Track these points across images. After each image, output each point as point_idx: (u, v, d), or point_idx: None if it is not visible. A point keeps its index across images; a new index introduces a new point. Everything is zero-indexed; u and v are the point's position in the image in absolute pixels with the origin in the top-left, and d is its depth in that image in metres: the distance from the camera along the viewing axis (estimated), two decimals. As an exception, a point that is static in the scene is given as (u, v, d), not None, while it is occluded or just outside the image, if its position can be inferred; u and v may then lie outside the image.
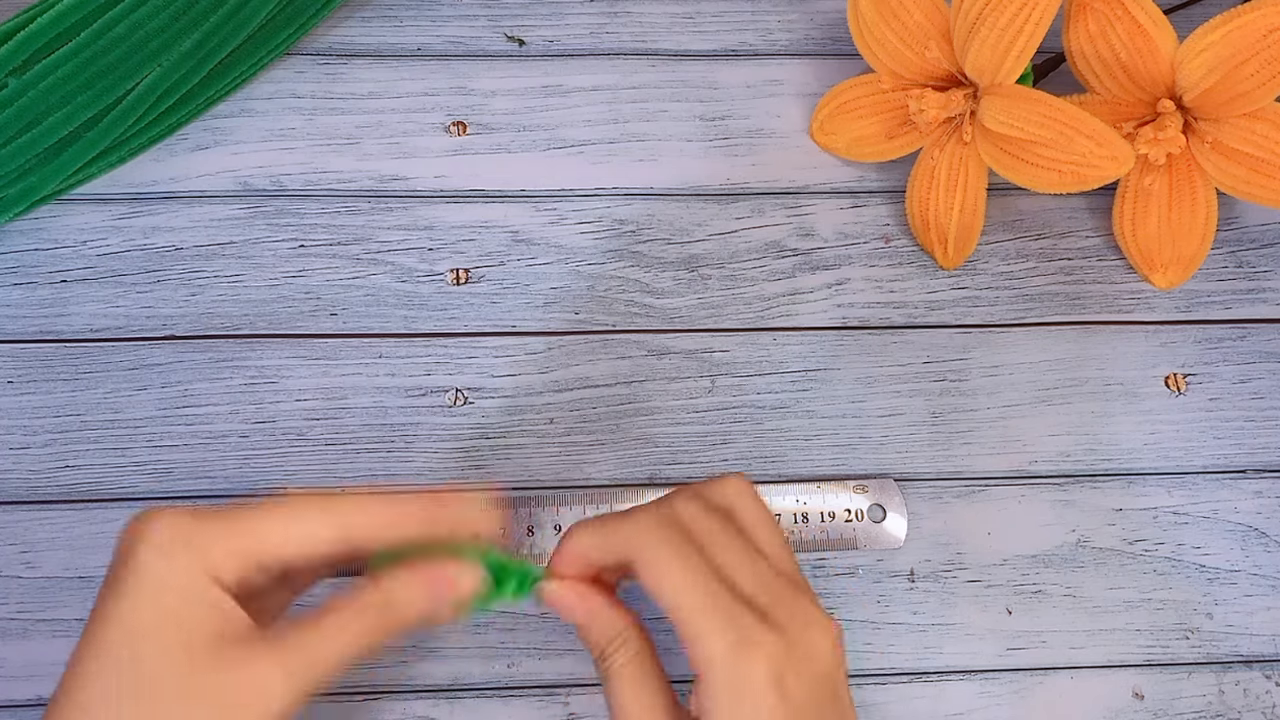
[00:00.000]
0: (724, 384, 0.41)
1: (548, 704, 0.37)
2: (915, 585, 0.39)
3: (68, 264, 0.42)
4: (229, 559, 0.26)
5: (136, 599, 0.26)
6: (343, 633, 0.27)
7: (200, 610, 0.26)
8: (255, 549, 0.26)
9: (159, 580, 0.26)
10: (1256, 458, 0.41)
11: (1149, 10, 0.38)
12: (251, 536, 0.27)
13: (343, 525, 0.27)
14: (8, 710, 0.36)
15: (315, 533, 0.27)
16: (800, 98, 0.46)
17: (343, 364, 0.41)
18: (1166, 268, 0.43)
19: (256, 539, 0.27)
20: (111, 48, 0.41)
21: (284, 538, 0.27)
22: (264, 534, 0.27)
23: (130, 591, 0.26)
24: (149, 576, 0.26)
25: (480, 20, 0.47)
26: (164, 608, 0.26)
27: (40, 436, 0.39)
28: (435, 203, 0.44)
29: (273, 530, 0.27)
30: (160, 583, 0.26)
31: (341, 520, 0.27)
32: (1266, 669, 0.38)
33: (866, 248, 0.44)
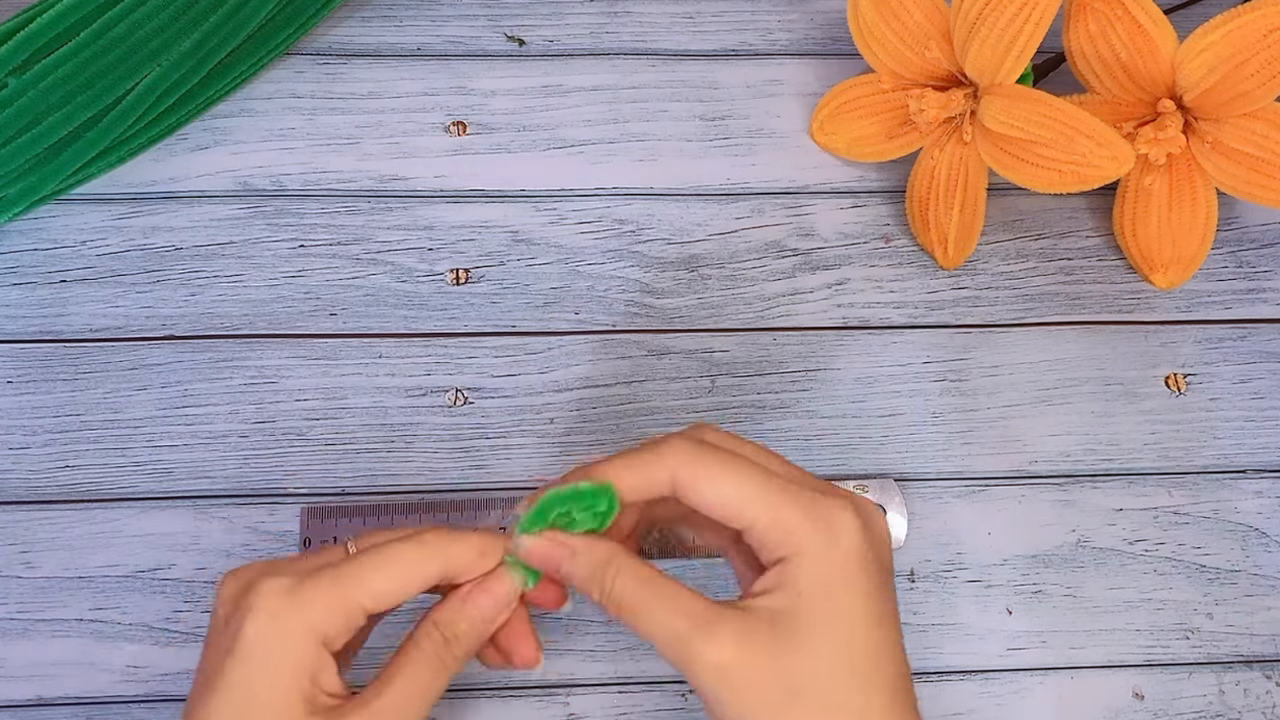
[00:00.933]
0: (724, 384, 0.41)
1: (548, 704, 0.37)
2: (915, 585, 0.39)
3: (67, 264, 0.42)
4: (334, 616, 0.27)
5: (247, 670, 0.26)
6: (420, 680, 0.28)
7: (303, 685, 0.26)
8: (360, 600, 0.27)
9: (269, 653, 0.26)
10: (1256, 458, 0.41)
11: (1149, 10, 0.38)
12: (356, 588, 0.27)
13: (442, 562, 0.28)
14: (8, 710, 0.36)
15: (416, 574, 0.28)
16: (800, 98, 0.46)
17: (343, 364, 0.41)
18: (1166, 268, 0.43)
19: (361, 590, 0.27)
20: (111, 48, 0.41)
21: (387, 583, 0.27)
22: (367, 583, 0.27)
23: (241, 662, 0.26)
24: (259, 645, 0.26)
25: (480, 20, 0.47)
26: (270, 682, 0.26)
27: (40, 436, 0.39)
28: (435, 203, 0.44)
29: (374, 577, 0.27)
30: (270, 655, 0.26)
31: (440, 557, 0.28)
32: (1267, 669, 0.38)
33: (866, 248, 0.44)
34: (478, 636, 0.29)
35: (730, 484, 0.28)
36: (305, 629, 0.26)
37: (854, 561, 0.27)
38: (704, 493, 0.28)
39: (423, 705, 0.28)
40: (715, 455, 0.28)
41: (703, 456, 0.28)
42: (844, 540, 0.27)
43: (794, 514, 0.27)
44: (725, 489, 0.28)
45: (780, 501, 0.27)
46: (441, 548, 0.28)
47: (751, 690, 0.26)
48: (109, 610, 0.37)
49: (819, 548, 0.27)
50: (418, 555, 0.28)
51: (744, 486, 0.28)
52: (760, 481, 0.28)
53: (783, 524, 0.27)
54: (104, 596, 0.37)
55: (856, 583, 0.27)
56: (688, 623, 0.27)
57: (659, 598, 0.27)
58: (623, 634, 0.38)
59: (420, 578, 0.28)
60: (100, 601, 0.37)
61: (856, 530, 0.28)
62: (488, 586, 0.29)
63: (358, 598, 0.27)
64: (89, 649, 0.37)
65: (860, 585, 0.27)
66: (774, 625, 0.27)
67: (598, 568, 0.28)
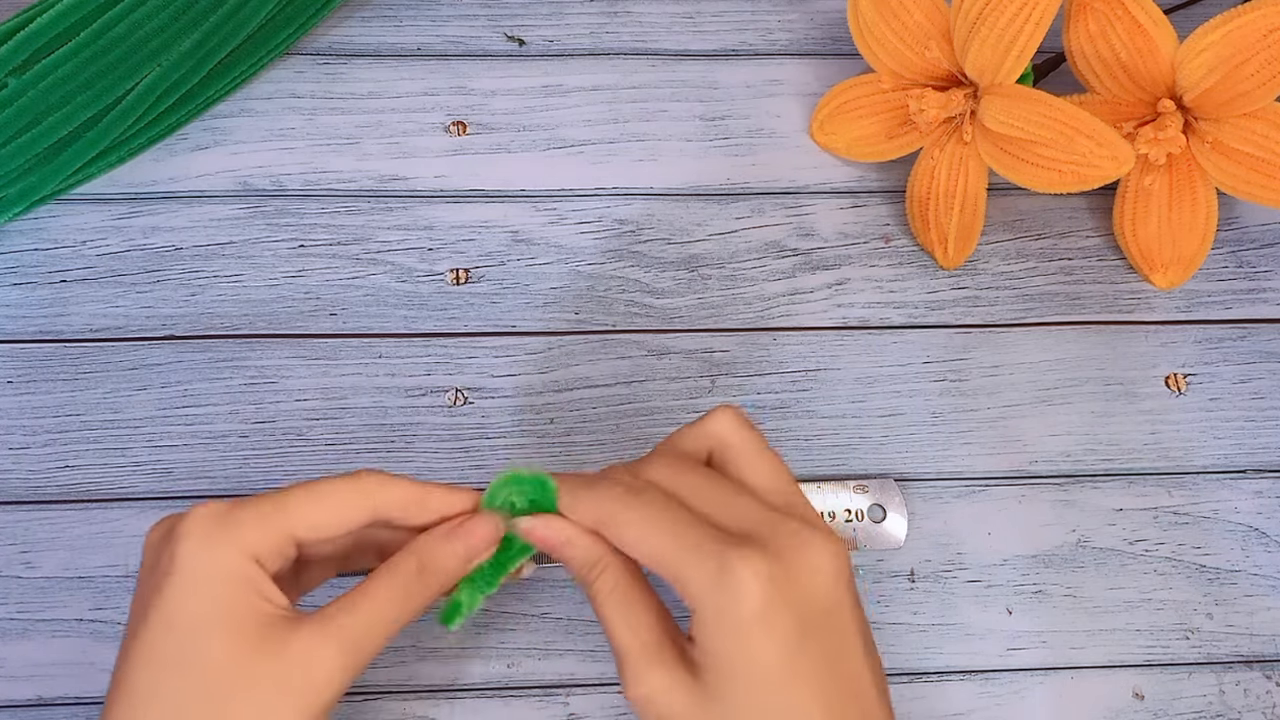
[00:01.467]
0: (724, 384, 0.41)
1: (548, 704, 0.37)
2: (915, 585, 0.39)
3: (67, 264, 0.42)
4: (266, 538, 0.27)
5: (182, 592, 0.26)
6: (387, 603, 0.28)
7: (245, 596, 0.26)
8: (290, 526, 0.27)
9: (203, 569, 0.26)
10: (1256, 458, 0.41)
11: (1149, 10, 0.38)
12: (286, 514, 0.27)
13: (371, 497, 0.28)
14: (8, 710, 0.36)
15: (346, 507, 0.28)
16: (800, 98, 0.46)
17: (343, 364, 0.41)
18: (1166, 268, 0.43)
19: (291, 516, 0.27)
20: (111, 48, 0.41)
21: (317, 513, 0.28)
22: (298, 511, 0.27)
23: (175, 585, 0.26)
24: (192, 568, 0.26)
25: (480, 20, 0.47)
26: (210, 596, 0.26)
27: (40, 436, 0.39)
28: (435, 203, 0.44)
29: (306, 507, 0.28)
30: (204, 572, 0.26)
31: (370, 493, 0.28)
32: (1267, 669, 0.38)
33: (866, 248, 0.44)
34: (451, 572, 0.29)
35: (641, 534, 0.28)
36: (237, 547, 0.27)
37: (755, 624, 0.26)
38: (620, 539, 0.29)
39: (384, 631, 0.28)
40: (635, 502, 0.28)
41: (628, 502, 0.28)
42: (744, 603, 0.26)
43: (695, 574, 0.27)
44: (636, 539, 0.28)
45: (682, 557, 0.27)
46: (374, 489, 0.28)
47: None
48: (109, 610, 0.37)
49: (716, 612, 0.27)
50: (350, 491, 0.28)
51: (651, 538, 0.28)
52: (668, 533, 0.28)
53: (684, 583, 0.27)
54: (104, 596, 0.37)
55: (758, 646, 0.27)
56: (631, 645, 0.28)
57: (621, 612, 0.29)
58: (623, 634, 0.38)
59: (350, 512, 0.28)
60: (100, 601, 0.37)
61: (754, 587, 0.26)
62: (472, 527, 0.29)
63: (287, 524, 0.27)
64: (89, 649, 0.37)
65: (762, 648, 0.27)
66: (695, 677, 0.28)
67: (586, 564, 0.29)
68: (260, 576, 0.27)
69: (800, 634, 0.27)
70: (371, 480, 0.29)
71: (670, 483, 0.29)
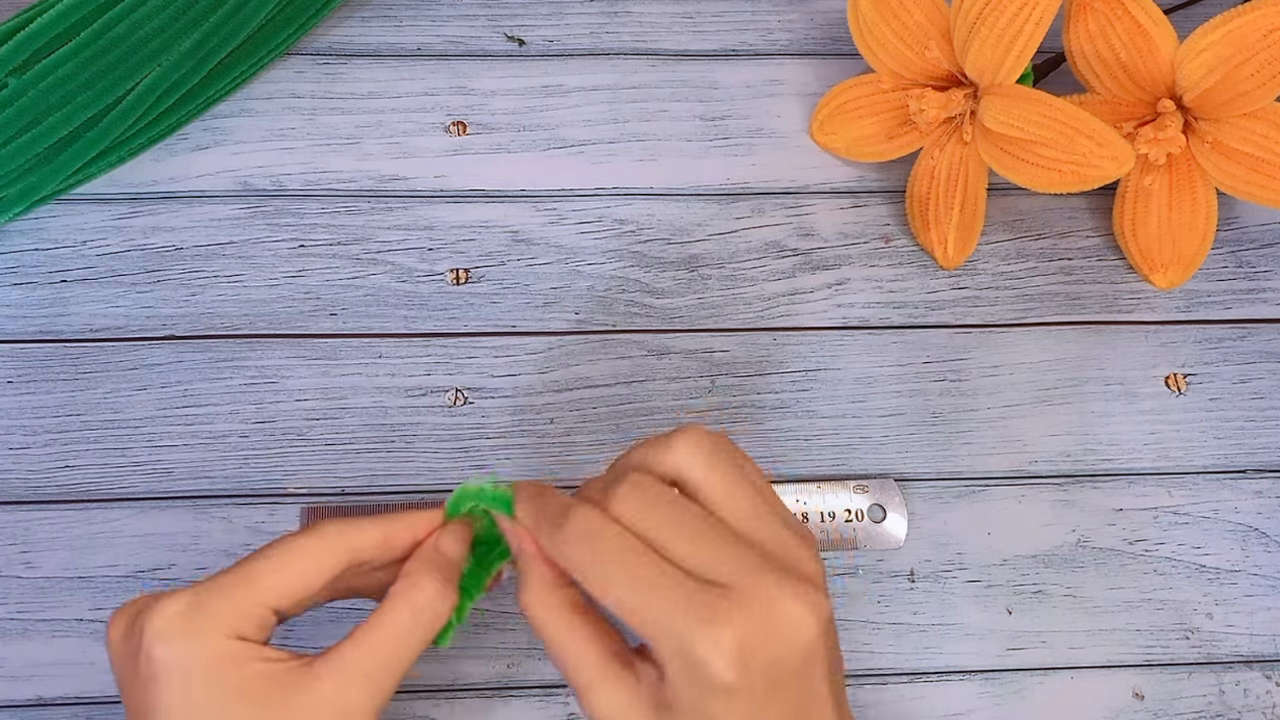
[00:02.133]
0: (724, 384, 0.41)
1: (548, 704, 0.37)
2: (915, 585, 0.39)
3: (68, 264, 0.42)
4: (242, 616, 0.26)
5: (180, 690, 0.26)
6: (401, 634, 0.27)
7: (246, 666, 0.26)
8: (262, 599, 0.27)
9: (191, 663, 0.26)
10: (1256, 458, 0.41)
11: (1149, 10, 0.38)
12: (256, 589, 0.27)
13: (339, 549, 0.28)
14: (8, 710, 0.36)
15: (316, 566, 0.27)
16: (800, 98, 0.46)
17: (343, 364, 0.41)
18: (1166, 268, 0.43)
19: (262, 590, 0.27)
20: (111, 48, 0.41)
21: (287, 580, 0.27)
22: (267, 583, 0.27)
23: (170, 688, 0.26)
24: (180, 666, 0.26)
25: (480, 20, 0.47)
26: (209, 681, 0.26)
27: (40, 436, 0.39)
28: (435, 203, 0.44)
29: (274, 577, 0.27)
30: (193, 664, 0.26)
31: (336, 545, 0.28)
32: (1267, 669, 0.38)
33: (866, 248, 0.44)
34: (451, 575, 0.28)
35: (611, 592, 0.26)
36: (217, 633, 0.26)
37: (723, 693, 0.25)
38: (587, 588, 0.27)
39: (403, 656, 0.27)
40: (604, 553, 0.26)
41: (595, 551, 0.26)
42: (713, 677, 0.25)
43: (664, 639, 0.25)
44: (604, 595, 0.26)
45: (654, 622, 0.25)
46: (342, 539, 0.28)
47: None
48: (109, 610, 0.37)
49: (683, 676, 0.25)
50: (316, 546, 0.27)
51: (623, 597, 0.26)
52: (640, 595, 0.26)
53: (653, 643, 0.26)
54: (104, 596, 0.37)
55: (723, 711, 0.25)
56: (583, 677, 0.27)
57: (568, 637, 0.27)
58: (623, 634, 0.38)
59: (322, 569, 0.27)
60: (100, 601, 0.37)
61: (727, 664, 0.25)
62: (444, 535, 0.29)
63: (260, 599, 0.27)
64: (89, 649, 0.37)
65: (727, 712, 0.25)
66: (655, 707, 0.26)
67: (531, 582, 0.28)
68: (250, 649, 0.26)
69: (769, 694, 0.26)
70: (333, 531, 0.28)
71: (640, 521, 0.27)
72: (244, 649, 0.26)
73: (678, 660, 0.25)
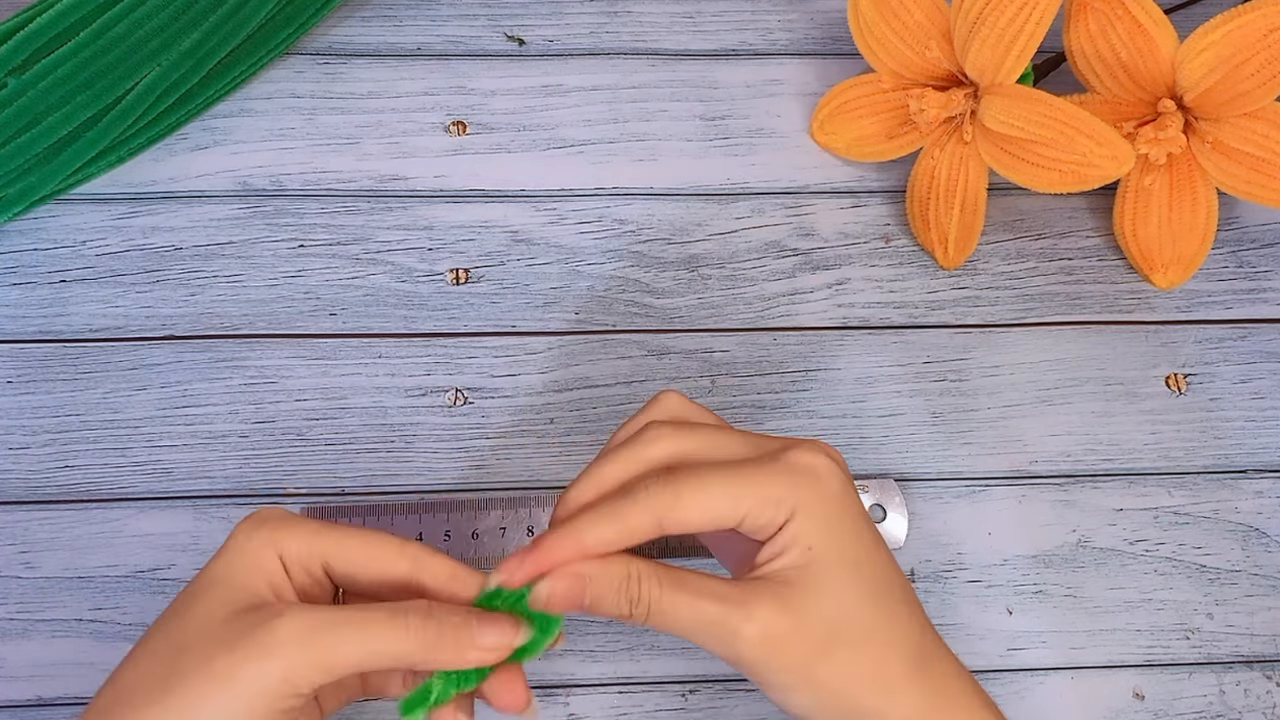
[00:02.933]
0: (724, 384, 0.41)
1: (548, 704, 0.37)
2: (915, 585, 0.39)
3: (67, 264, 0.42)
4: (298, 545, 0.28)
5: (215, 561, 0.28)
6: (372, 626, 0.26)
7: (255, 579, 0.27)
8: (325, 546, 0.28)
9: (236, 546, 0.28)
10: (1256, 458, 0.41)
11: (1149, 10, 0.38)
12: (326, 536, 0.28)
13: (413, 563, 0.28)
14: (8, 710, 0.36)
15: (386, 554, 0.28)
16: (800, 98, 0.46)
17: (343, 364, 0.41)
18: (1166, 268, 0.43)
19: (330, 540, 0.28)
20: (111, 48, 0.41)
21: (355, 547, 0.28)
22: (338, 539, 0.28)
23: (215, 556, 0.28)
24: (229, 546, 0.28)
25: (480, 20, 0.47)
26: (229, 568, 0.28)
27: (40, 436, 0.39)
28: (435, 203, 0.44)
29: (348, 539, 0.28)
30: (236, 549, 0.28)
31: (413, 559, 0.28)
32: (1267, 669, 0.38)
33: (866, 248, 0.44)
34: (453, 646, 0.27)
35: (712, 499, 0.28)
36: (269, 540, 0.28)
37: (841, 495, 0.29)
38: (691, 521, 0.28)
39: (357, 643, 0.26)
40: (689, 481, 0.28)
41: (679, 488, 0.28)
42: (826, 481, 0.29)
43: (778, 483, 0.28)
44: (709, 507, 0.28)
45: (760, 480, 0.28)
46: (418, 554, 0.28)
47: (796, 649, 0.28)
48: (109, 610, 0.37)
49: (810, 500, 0.28)
50: (394, 547, 0.28)
51: (725, 494, 0.28)
52: (735, 477, 0.28)
53: (771, 498, 0.28)
54: (104, 596, 0.37)
55: (849, 513, 0.29)
56: (720, 606, 0.27)
57: (685, 591, 0.28)
58: (623, 634, 0.38)
59: (387, 564, 0.28)
60: (100, 601, 0.37)
61: (831, 467, 0.29)
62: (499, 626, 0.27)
63: (323, 543, 0.28)
64: (89, 649, 0.37)
65: (852, 513, 0.29)
66: (798, 584, 0.28)
67: (620, 582, 0.28)
68: (277, 571, 0.28)
69: (860, 502, 0.30)
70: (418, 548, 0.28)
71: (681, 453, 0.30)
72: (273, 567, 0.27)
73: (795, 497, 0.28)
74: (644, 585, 0.28)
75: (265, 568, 0.28)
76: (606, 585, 0.28)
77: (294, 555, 0.28)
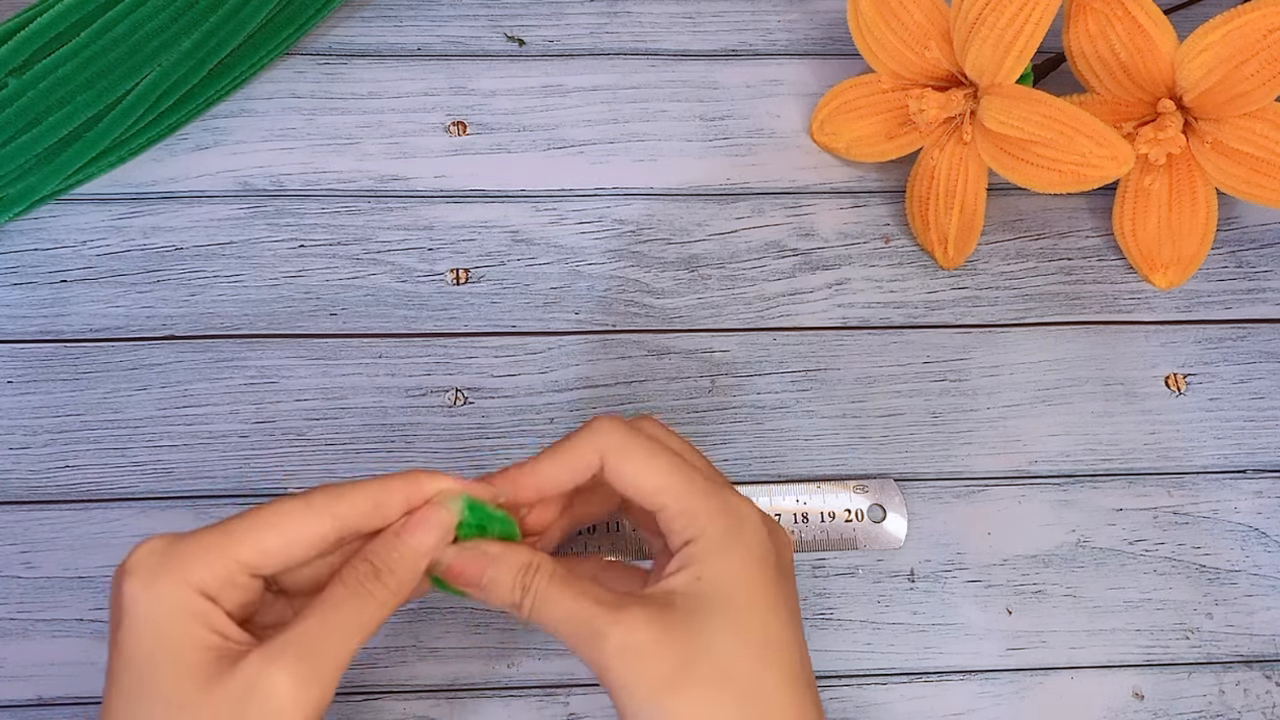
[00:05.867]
0: (724, 384, 0.41)
1: (548, 704, 0.37)
2: (915, 585, 0.39)
3: (68, 264, 0.42)
4: (212, 570, 0.26)
5: (132, 633, 0.26)
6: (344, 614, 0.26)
7: (192, 630, 0.25)
8: (238, 554, 0.26)
9: (146, 608, 0.26)
10: (1256, 458, 0.41)
11: (1149, 10, 0.38)
12: (232, 543, 0.26)
13: (331, 519, 0.27)
14: (8, 710, 0.36)
15: (300, 529, 0.27)
16: (800, 98, 0.46)
17: (343, 364, 0.41)
18: (1166, 268, 0.43)
19: (239, 545, 0.26)
20: (111, 48, 0.41)
21: (268, 538, 0.27)
22: (246, 538, 0.26)
23: (125, 627, 0.26)
24: (136, 607, 0.26)
25: (480, 20, 0.47)
26: (155, 635, 0.25)
27: (40, 436, 0.39)
28: (435, 203, 0.44)
29: (255, 533, 0.26)
30: (148, 610, 0.26)
31: (324, 508, 0.27)
32: (1267, 669, 0.38)
33: (866, 248, 0.44)
34: (411, 569, 0.28)
35: (650, 469, 0.29)
36: (182, 582, 0.26)
37: (754, 554, 0.29)
38: (624, 474, 0.29)
39: (346, 642, 0.26)
40: (641, 440, 0.30)
41: (630, 440, 0.29)
42: (746, 534, 0.29)
43: (703, 503, 0.29)
44: (644, 472, 0.29)
45: (692, 490, 0.29)
46: (329, 505, 0.27)
47: (650, 670, 0.27)
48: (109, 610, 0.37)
49: (721, 535, 0.28)
50: (303, 512, 0.27)
51: (661, 473, 0.29)
52: (678, 472, 0.29)
53: (691, 510, 0.29)
54: (104, 596, 0.37)
55: (755, 573, 0.29)
56: (593, 608, 0.27)
57: (567, 587, 0.28)
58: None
59: (307, 535, 0.27)
60: (100, 601, 0.37)
61: (759, 529, 0.29)
62: (423, 517, 0.28)
63: (236, 553, 0.26)
64: (89, 649, 0.37)
65: (758, 576, 0.29)
66: (676, 605, 0.28)
67: (519, 569, 0.29)
68: (210, 610, 0.26)
69: (780, 579, 0.29)
70: (324, 495, 0.27)
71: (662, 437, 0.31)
72: (202, 608, 0.26)
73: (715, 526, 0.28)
74: (537, 576, 0.28)
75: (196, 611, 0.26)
76: (506, 568, 0.29)
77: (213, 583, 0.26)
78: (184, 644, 0.25)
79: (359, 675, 0.37)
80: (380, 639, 0.37)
